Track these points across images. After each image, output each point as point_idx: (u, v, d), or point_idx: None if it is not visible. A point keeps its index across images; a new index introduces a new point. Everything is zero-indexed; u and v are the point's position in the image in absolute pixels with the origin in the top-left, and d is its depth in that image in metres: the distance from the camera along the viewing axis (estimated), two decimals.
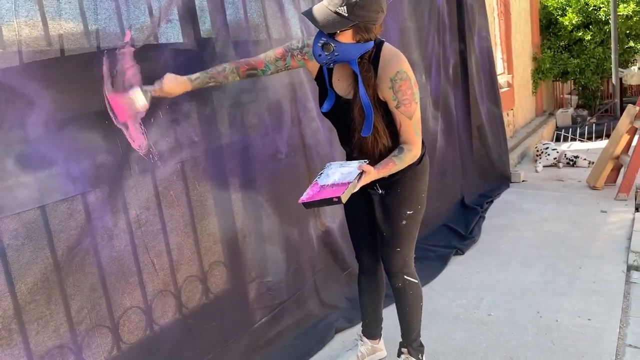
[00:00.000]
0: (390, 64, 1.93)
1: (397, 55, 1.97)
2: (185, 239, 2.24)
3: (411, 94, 1.94)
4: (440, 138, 4.37)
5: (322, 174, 1.91)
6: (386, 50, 1.97)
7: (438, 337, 2.73)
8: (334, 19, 1.79)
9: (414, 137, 1.99)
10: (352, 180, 1.79)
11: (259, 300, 2.59)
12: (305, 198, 1.79)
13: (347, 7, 1.77)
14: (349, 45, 1.86)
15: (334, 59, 1.89)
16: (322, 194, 1.78)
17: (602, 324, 2.74)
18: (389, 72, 1.92)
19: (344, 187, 1.77)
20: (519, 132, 8.01)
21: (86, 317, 1.85)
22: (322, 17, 1.81)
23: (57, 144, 1.76)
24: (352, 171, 1.85)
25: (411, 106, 1.95)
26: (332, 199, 1.73)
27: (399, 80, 1.92)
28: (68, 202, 1.78)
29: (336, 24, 1.80)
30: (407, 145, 2.00)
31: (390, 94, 1.94)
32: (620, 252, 3.62)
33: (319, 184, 1.85)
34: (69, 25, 1.81)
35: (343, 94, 2.04)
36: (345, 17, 1.79)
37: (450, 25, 4.65)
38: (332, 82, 2.06)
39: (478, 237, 4.10)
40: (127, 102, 1.90)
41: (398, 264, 2.24)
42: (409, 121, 1.97)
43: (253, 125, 2.54)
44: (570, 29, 9.40)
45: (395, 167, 1.97)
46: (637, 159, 4.88)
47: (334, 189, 1.78)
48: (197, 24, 2.28)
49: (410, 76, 1.94)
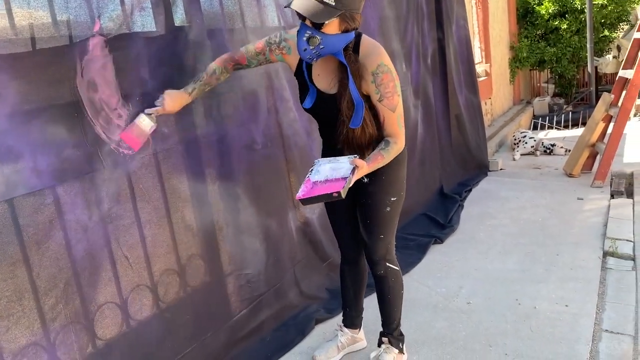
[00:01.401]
0: (370, 57, 1.92)
1: (377, 47, 1.96)
2: (160, 232, 2.19)
3: (393, 86, 1.94)
4: (420, 127, 4.37)
5: (313, 170, 1.91)
6: (365, 42, 1.96)
7: (418, 326, 2.73)
8: (322, 9, 1.77)
9: (398, 129, 2.00)
10: (347, 175, 1.80)
11: (238, 293, 2.56)
12: (302, 194, 1.79)
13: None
14: (334, 37, 1.85)
15: (319, 52, 1.88)
16: (317, 189, 1.79)
17: (579, 309, 2.77)
18: (370, 65, 1.91)
19: (339, 182, 1.78)
20: (496, 120, 8.07)
21: (60, 313, 1.81)
22: (308, 8, 1.78)
23: (25, 137, 1.70)
24: (344, 166, 1.86)
25: (394, 99, 1.95)
26: (332, 194, 1.75)
27: (380, 73, 1.91)
28: (36, 196, 1.73)
29: (324, 14, 1.78)
30: (392, 138, 2.00)
31: (372, 88, 1.93)
32: (597, 238, 3.67)
33: (311, 180, 1.85)
34: (38, 14, 1.75)
35: (325, 88, 2.02)
36: (333, 7, 1.77)
37: (428, 13, 4.63)
38: (312, 77, 2.04)
39: (457, 226, 4.12)
40: (137, 132, 1.96)
41: (381, 251, 2.24)
42: (393, 114, 1.97)
43: (228, 116, 2.49)
44: (546, 18, 9.48)
45: (383, 161, 1.98)
46: (613, 146, 4.95)
47: (328, 185, 1.79)
48: (170, 13, 2.23)
49: (391, 69, 1.94)
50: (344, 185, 1.76)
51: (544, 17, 9.47)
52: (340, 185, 1.76)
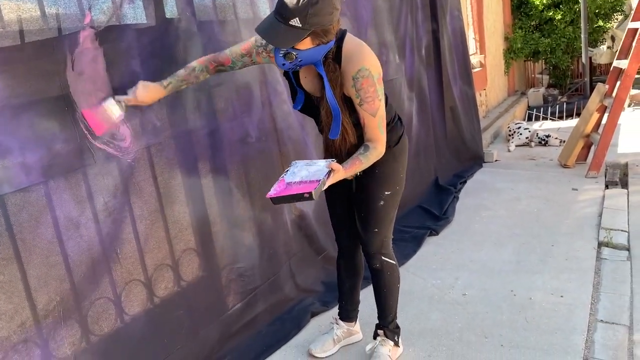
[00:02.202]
0: (352, 61, 1.88)
1: (360, 51, 1.90)
2: (153, 227, 2.18)
3: (374, 91, 1.89)
4: (414, 119, 4.35)
5: (288, 171, 1.90)
6: (347, 45, 1.90)
7: (413, 318, 2.73)
8: (289, 33, 1.74)
9: (378, 134, 1.96)
10: (321, 178, 1.79)
11: (233, 287, 2.55)
12: (274, 193, 1.78)
13: (300, 18, 1.70)
14: (310, 50, 1.82)
15: (298, 64, 1.86)
16: (290, 190, 1.78)
17: (574, 300, 2.78)
18: (351, 70, 1.88)
19: (313, 184, 1.77)
20: (491, 112, 8.07)
21: (53, 309, 1.79)
22: (276, 34, 1.75)
23: (14, 132, 1.67)
24: (320, 169, 1.84)
25: (374, 103, 1.91)
26: (303, 194, 1.73)
27: (360, 78, 1.87)
28: (26, 192, 1.71)
29: (292, 38, 1.75)
30: (372, 143, 1.96)
31: (353, 92, 1.90)
32: (591, 229, 3.68)
33: (285, 181, 1.84)
34: (26, 6, 1.72)
35: (312, 91, 2.02)
36: (300, 28, 1.73)
37: (422, 4, 4.60)
38: (299, 80, 2.03)
39: (452, 218, 4.12)
40: (102, 115, 1.87)
41: (376, 244, 2.23)
42: (373, 118, 1.93)
43: (222, 109, 2.47)
44: (541, 9, 9.47)
45: (361, 166, 1.94)
46: (607, 137, 4.95)
47: (302, 186, 1.77)
48: (160, 4, 2.20)
49: (373, 72, 1.89)
50: (316, 186, 1.75)
51: (538, 7, 9.45)
52: (313, 187, 1.75)
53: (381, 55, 3.76)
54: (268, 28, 1.76)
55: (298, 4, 1.69)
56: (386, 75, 3.78)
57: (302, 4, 1.69)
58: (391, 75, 3.89)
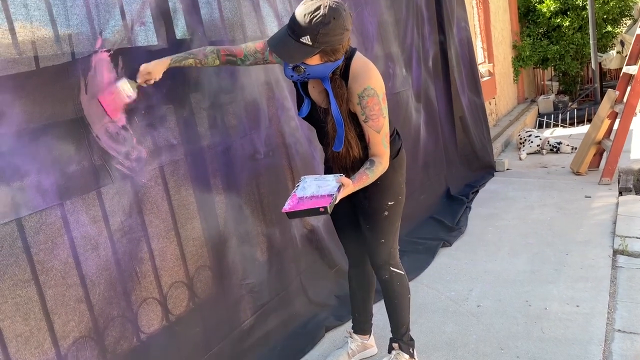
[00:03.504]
0: (358, 80, 1.94)
1: (366, 70, 1.96)
2: (168, 244, 2.20)
3: (379, 109, 1.96)
4: (422, 130, 4.36)
5: (299, 186, 1.95)
6: (355, 63, 1.97)
7: (428, 331, 2.72)
8: (299, 49, 1.80)
9: (382, 149, 2.03)
10: (334, 192, 1.85)
11: (246, 303, 2.56)
12: (288, 208, 1.83)
13: (311, 37, 1.77)
14: (318, 66, 1.88)
15: (305, 77, 1.93)
16: (303, 204, 1.83)
17: (591, 309, 2.75)
18: (357, 88, 1.94)
19: (325, 199, 1.83)
20: (501, 120, 8.05)
21: (71, 330, 1.81)
22: (287, 49, 1.81)
23: (31, 155, 1.71)
24: (330, 184, 1.90)
25: (379, 121, 1.97)
26: (318, 209, 1.79)
27: (366, 96, 1.94)
28: (42, 214, 1.74)
29: (301, 55, 1.82)
30: (377, 158, 2.02)
31: (358, 109, 1.97)
32: (606, 236, 3.65)
33: (297, 196, 1.89)
34: (40, 32, 1.76)
35: (318, 101, 2.07)
36: (310, 46, 1.79)
37: (429, 17, 4.63)
38: (307, 88, 2.08)
39: (465, 228, 4.11)
40: (116, 96, 1.92)
41: (384, 255, 2.25)
42: (377, 135, 2.00)
43: (231, 127, 2.51)
44: (548, 16, 9.46)
45: (368, 180, 1.99)
46: (619, 143, 4.92)
47: (314, 201, 1.84)
48: (171, 26, 2.25)
49: (378, 92, 1.95)
50: (330, 201, 1.80)
51: (546, 15, 9.45)
52: (327, 201, 1.80)
53: (387, 69, 3.78)
54: (279, 42, 1.83)
55: (310, 23, 1.76)
56: (393, 88, 3.80)
57: (314, 23, 1.75)
58: (398, 88, 3.91)
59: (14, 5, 1.69)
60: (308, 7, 1.78)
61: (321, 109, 2.05)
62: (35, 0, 1.75)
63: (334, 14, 1.78)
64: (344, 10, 1.82)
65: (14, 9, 1.69)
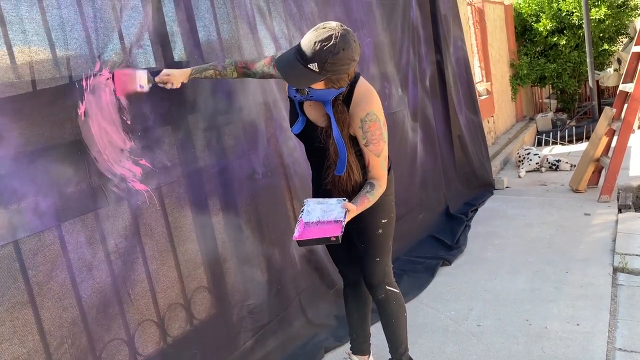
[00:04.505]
0: (361, 105, 1.98)
1: (369, 96, 2.00)
2: (165, 266, 2.20)
3: (380, 134, 2.00)
4: (420, 149, 4.37)
5: (303, 210, 1.97)
6: (359, 89, 2.00)
7: (428, 351, 2.70)
8: (306, 74, 1.84)
9: (381, 172, 2.07)
10: (341, 218, 1.88)
11: (244, 324, 2.55)
12: (298, 236, 1.86)
13: (319, 64, 1.80)
14: (322, 90, 1.93)
15: (308, 99, 1.98)
16: (311, 231, 1.86)
17: (591, 328, 2.74)
18: (360, 113, 1.97)
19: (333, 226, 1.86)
20: (500, 138, 8.07)
21: (66, 353, 1.81)
22: (292, 72, 1.85)
23: (29, 178, 1.72)
24: (334, 208, 1.93)
25: (379, 145, 2.02)
26: (329, 238, 1.83)
27: (368, 121, 1.97)
28: (40, 236, 1.74)
29: (307, 80, 1.86)
30: (377, 181, 2.06)
31: (360, 133, 2.00)
32: (606, 254, 3.64)
33: (304, 221, 1.91)
34: (39, 57, 1.79)
35: (315, 120, 2.09)
36: (317, 73, 1.82)
37: (426, 37, 4.68)
38: (303, 106, 2.10)
39: (464, 247, 4.10)
40: (129, 78, 1.98)
41: (379, 274, 2.26)
42: (377, 158, 2.04)
43: (229, 147, 2.52)
44: (545, 35, 9.54)
45: (369, 203, 2.03)
46: (617, 160, 4.93)
47: (321, 227, 1.87)
48: (169, 48, 2.27)
49: (380, 117, 2.00)
50: (341, 229, 1.84)
51: (542, 33, 9.53)
52: (338, 230, 1.84)
53: (383, 89, 3.81)
54: (287, 64, 1.86)
55: (320, 51, 1.79)
56: (389, 108, 3.83)
57: (324, 52, 1.79)
58: (394, 108, 3.93)
59: (13, 31, 1.71)
60: (320, 34, 1.80)
61: (322, 131, 2.06)
62: (33, 26, 1.77)
63: (344, 45, 1.80)
64: (354, 42, 1.85)
65: (12, 34, 1.71)
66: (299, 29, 2.97)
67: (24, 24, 1.75)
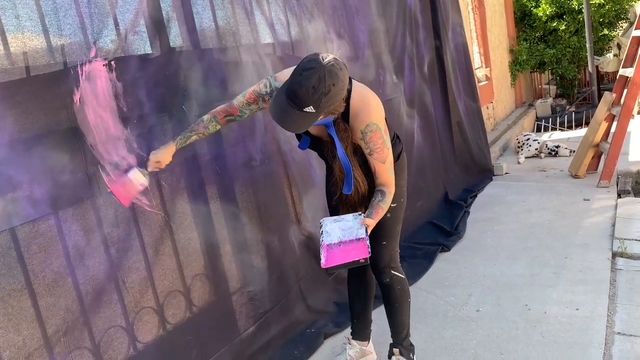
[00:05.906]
0: (359, 117, 1.96)
1: (365, 105, 1.96)
2: (163, 253, 2.19)
3: (382, 142, 1.99)
4: (417, 135, 4.35)
5: (322, 232, 1.97)
6: (354, 101, 1.96)
7: (428, 336, 2.71)
8: (304, 118, 1.79)
9: (389, 177, 2.07)
10: (363, 236, 1.90)
11: (244, 311, 2.55)
12: (325, 262, 1.87)
13: (314, 106, 1.75)
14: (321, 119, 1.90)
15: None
16: (338, 255, 1.87)
17: (590, 312, 2.74)
18: (359, 125, 1.96)
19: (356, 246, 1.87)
20: (499, 124, 8.05)
21: (64, 339, 1.80)
22: (292, 120, 1.80)
23: (24, 165, 1.71)
24: (352, 225, 1.95)
25: (383, 152, 2.01)
26: (358, 260, 1.84)
27: (369, 132, 1.97)
28: (35, 224, 1.73)
29: (307, 122, 1.82)
30: (386, 187, 2.06)
31: (362, 144, 2.00)
32: (605, 239, 3.64)
33: (326, 244, 1.92)
34: (33, 43, 1.77)
35: (318, 134, 2.11)
36: (314, 113, 1.78)
37: (424, 23, 4.64)
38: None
39: (463, 233, 4.10)
40: (128, 186, 1.94)
41: (385, 258, 2.26)
42: (383, 165, 2.04)
43: (225, 134, 2.50)
44: (544, 20, 9.47)
45: (383, 211, 2.04)
46: (616, 145, 4.92)
47: (345, 248, 1.88)
48: (165, 34, 2.25)
49: (380, 125, 1.98)
50: (367, 250, 1.85)
51: (542, 19, 9.46)
52: (365, 251, 1.85)
53: (378, 76, 3.78)
54: (282, 114, 1.79)
55: (313, 95, 1.73)
56: (385, 95, 3.80)
57: (317, 95, 1.73)
58: (389, 95, 3.90)
59: (6, 17, 1.69)
60: (305, 79, 1.72)
61: (327, 150, 2.09)
62: (27, 11, 1.75)
63: (333, 81, 1.74)
64: (340, 69, 1.77)
65: (5, 19, 1.69)
66: (295, 14, 2.94)
67: (17, 9, 1.73)
